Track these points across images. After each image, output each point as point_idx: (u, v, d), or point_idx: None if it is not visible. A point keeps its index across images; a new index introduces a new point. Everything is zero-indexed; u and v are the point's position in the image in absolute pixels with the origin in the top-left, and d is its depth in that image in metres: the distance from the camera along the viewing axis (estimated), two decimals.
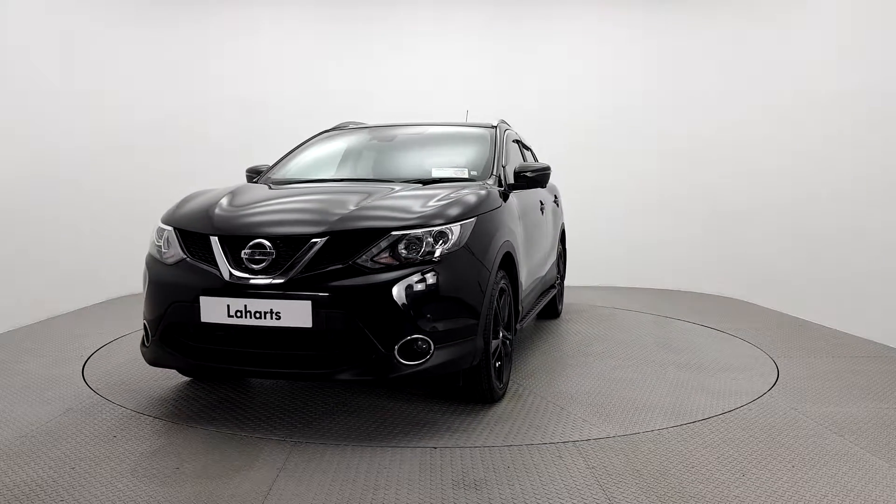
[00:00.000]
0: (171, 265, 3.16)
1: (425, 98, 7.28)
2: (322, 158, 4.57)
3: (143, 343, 3.30)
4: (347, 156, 4.57)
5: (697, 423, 3.18)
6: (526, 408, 3.39)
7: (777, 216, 6.43)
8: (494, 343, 3.32)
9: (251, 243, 2.96)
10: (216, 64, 7.32)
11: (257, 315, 2.85)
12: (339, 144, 4.70)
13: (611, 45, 7.58)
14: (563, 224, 5.99)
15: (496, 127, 4.48)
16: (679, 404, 3.47)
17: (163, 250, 3.25)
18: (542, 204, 4.80)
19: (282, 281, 2.86)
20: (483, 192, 3.47)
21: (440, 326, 2.93)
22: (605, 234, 7.47)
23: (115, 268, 6.49)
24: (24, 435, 2.97)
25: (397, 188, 3.53)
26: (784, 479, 2.58)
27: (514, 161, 4.47)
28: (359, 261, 2.88)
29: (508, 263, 3.61)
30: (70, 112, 6.21)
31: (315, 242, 2.91)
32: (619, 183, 7.49)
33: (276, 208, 3.37)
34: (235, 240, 3.02)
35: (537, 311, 4.67)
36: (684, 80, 7.41)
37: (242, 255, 2.96)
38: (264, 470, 2.62)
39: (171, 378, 3.85)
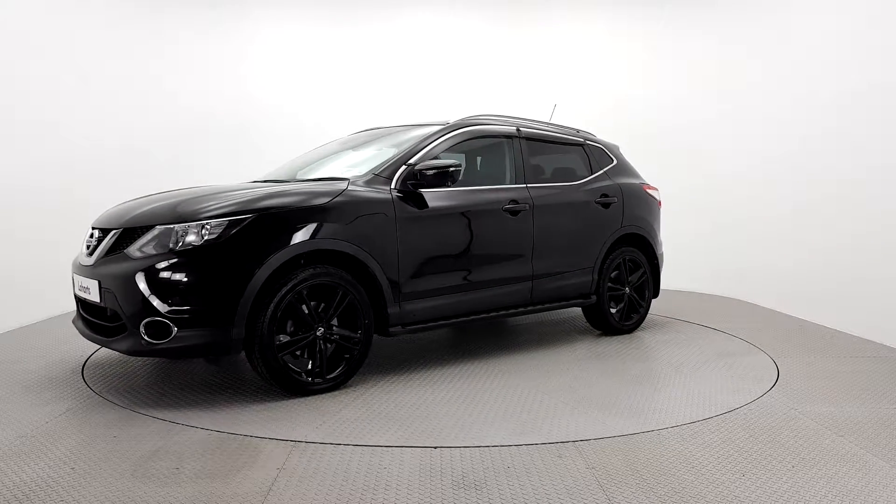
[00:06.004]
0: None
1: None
2: (300, 161, 4.81)
3: None
4: (313, 157, 4.79)
5: (697, 423, 3.18)
6: (316, 405, 3.38)
7: (777, 216, 6.42)
8: (286, 337, 3.39)
9: (90, 232, 3.71)
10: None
11: (84, 290, 3.59)
12: (322, 146, 4.95)
13: (609, 42, 7.58)
14: (625, 229, 5.13)
15: (445, 125, 4.38)
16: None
17: None
18: (517, 204, 4.36)
19: (89, 264, 3.54)
20: (305, 190, 3.60)
21: (184, 311, 3.20)
22: None
23: None
24: (24, 435, 2.97)
25: (254, 187, 3.76)
26: (784, 479, 2.58)
27: (486, 160, 4.53)
28: (130, 249, 3.38)
29: (355, 264, 3.63)
30: (83, 112, 6.22)
31: (114, 233, 3.50)
32: None
33: (135, 206, 3.73)
34: (93, 230, 3.74)
35: (491, 319, 4.35)
36: (684, 80, 7.41)
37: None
38: (264, 470, 2.62)
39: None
